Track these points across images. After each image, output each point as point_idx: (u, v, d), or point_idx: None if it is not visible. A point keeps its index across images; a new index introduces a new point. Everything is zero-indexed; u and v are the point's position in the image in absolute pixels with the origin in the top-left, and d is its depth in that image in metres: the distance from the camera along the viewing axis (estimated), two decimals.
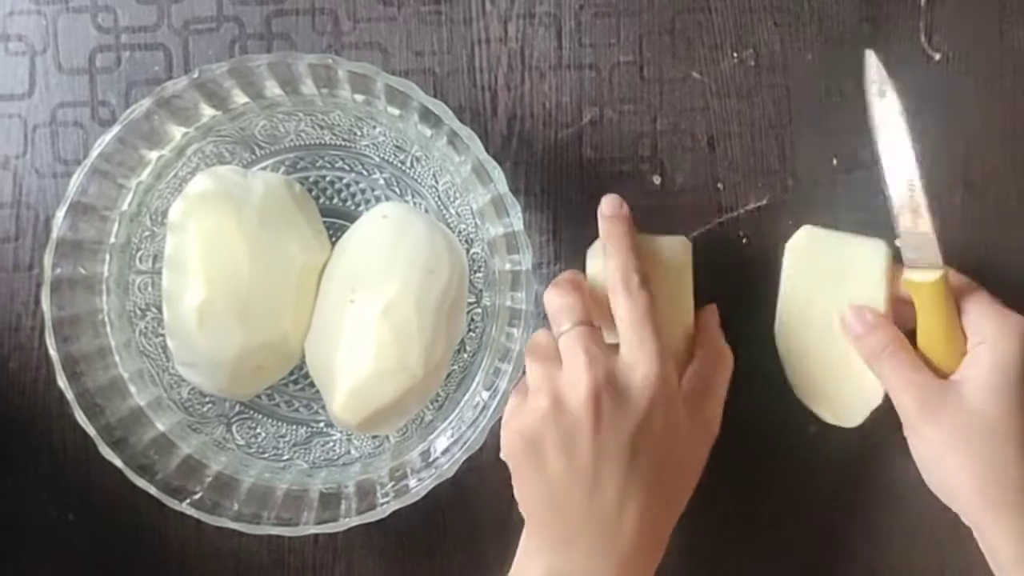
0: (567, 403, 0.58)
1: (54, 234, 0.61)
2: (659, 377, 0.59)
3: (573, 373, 0.59)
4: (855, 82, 0.68)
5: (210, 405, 0.67)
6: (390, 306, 0.62)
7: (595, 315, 0.62)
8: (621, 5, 0.69)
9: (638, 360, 0.59)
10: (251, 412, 0.68)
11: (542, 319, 0.68)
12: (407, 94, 0.61)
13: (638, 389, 0.59)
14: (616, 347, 0.60)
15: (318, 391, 0.66)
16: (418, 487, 0.61)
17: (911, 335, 0.64)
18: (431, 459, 0.64)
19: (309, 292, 0.65)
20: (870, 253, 0.64)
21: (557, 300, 0.62)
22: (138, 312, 0.67)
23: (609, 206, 0.63)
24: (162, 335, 0.65)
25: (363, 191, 0.67)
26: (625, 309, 0.60)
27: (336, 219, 0.67)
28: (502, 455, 0.61)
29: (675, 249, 0.65)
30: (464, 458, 0.62)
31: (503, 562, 0.62)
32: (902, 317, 0.64)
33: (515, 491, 0.61)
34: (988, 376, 0.60)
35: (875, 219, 0.68)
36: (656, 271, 0.63)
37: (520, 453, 0.59)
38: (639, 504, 0.58)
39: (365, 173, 0.67)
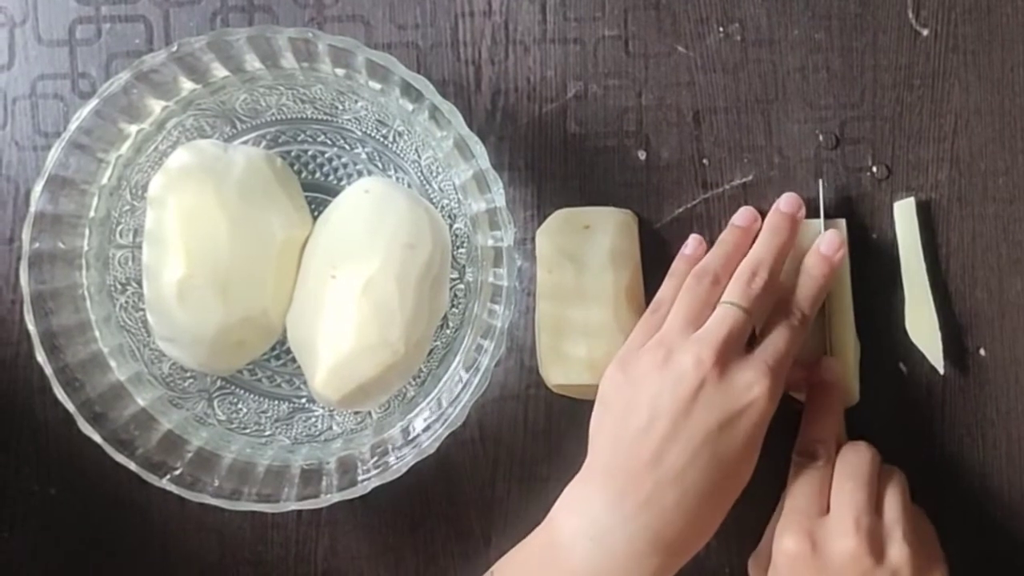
0: (678, 359, 0.60)
1: (32, 208, 0.61)
2: (768, 395, 0.60)
3: (703, 335, 0.61)
4: (842, 58, 0.68)
5: (191, 380, 0.67)
6: (371, 281, 0.62)
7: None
8: None
9: (755, 368, 0.60)
10: (233, 387, 0.67)
11: (525, 295, 0.68)
12: (388, 68, 0.60)
13: (745, 389, 0.60)
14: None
15: (300, 366, 0.65)
16: (398, 464, 0.61)
17: None
18: (411, 436, 0.64)
19: (290, 267, 0.64)
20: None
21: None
22: (118, 287, 0.66)
23: (787, 204, 0.66)
24: (142, 310, 0.65)
25: (345, 165, 0.67)
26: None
27: (318, 194, 0.67)
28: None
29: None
30: (445, 435, 0.61)
31: (487, 537, 0.62)
32: None
33: (594, 417, 0.62)
34: None
35: (860, 195, 0.68)
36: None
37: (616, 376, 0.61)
38: (694, 492, 0.59)
39: (347, 147, 0.67)
